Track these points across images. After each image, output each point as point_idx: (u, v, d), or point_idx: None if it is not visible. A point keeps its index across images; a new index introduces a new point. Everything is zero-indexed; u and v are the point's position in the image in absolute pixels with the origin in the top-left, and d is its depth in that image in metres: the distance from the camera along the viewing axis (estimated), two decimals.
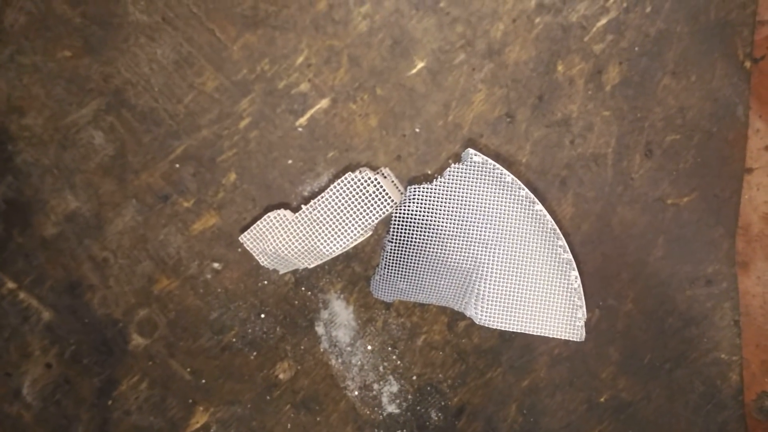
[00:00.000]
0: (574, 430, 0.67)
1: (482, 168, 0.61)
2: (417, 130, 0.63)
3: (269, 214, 0.61)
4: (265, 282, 0.64)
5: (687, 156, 0.63)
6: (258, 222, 0.61)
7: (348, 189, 0.60)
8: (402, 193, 0.62)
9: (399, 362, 0.66)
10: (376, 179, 0.59)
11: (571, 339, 0.62)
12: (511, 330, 0.63)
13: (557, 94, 0.62)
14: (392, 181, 0.62)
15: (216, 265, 0.64)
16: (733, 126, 0.63)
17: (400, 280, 0.63)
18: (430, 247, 0.62)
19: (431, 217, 0.62)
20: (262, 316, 0.65)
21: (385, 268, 0.63)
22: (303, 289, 0.65)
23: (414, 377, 0.66)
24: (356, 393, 0.66)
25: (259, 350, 0.65)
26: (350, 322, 0.65)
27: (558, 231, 0.61)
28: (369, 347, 0.65)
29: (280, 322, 0.65)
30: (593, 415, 0.67)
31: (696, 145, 0.63)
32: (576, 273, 0.61)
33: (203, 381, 0.65)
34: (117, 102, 0.61)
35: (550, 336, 0.63)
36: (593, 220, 0.64)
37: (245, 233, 0.61)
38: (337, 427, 0.66)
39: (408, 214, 0.62)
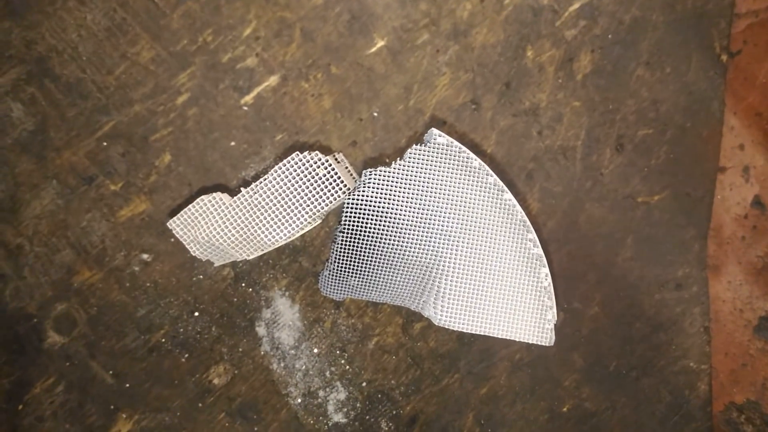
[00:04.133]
0: None
1: (447, 151, 0.58)
2: (375, 113, 0.60)
3: (203, 197, 0.57)
4: (201, 276, 0.61)
5: (659, 152, 0.62)
6: (189, 206, 0.57)
7: (295, 170, 0.57)
8: (356, 181, 0.59)
9: (348, 367, 0.63)
10: (326, 160, 0.56)
11: (539, 343, 0.60)
12: (473, 332, 0.60)
13: (525, 81, 0.61)
14: (346, 167, 0.59)
15: (145, 256, 0.60)
16: (708, 122, 0.63)
17: (352, 276, 0.60)
18: (386, 239, 0.59)
19: (388, 205, 0.59)
20: (196, 314, 0.61)
21: (335, 262, 0.59)
22: (243, 285, 0.61)
23: (364, 383, 0.63)
24: (299, 400, 0.63)
25: (192, 352, 0.61)
26: (295, 323, 0.62)
27: (528, 223, 0.59)
28: (315, 350, 0.62)
29: (216, 322, 0.61)
30: (555, 426, 0.65)
31: (669, 141, 0.62)
32: (546, 270, 0.59)
33: (127, 385, 0.61)
34: (39, 71, 0.58)
35: (517, 340, 0.60)
36: (560, 217, 0.63)
37: (174, 218, 0.58)
38: None
39: (362, 201, 0.58)
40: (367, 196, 0.59)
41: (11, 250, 0.59)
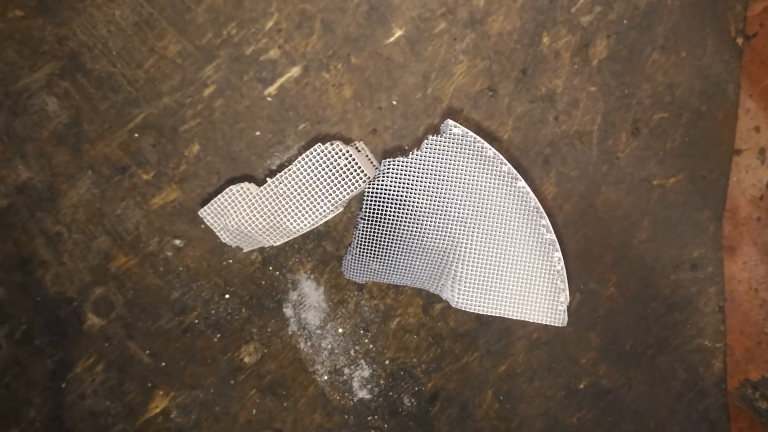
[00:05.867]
0: (552, 418, 0.68)
1: (462, 141, 0.60)
2: (394, 102, 0.62)
3: (231, 187, 0.60)
4: (230, 261, 0.63)
5: (675, 135, 0.63)
6: (219, 195, 0.60)
7: (317, 161, 0.59)
8: (376, 169, 0.61)
9: (371, 346, 0.66)
10: (347, 151, 0.58)
11: (552, 324, 0.62)
12: (489, 314, 0.62)
13: (542, 67, 0.62)
14: (366, 156, 0.61)
15: (177, 241, 0.63)
16: (723, 105, 0.63)
17: (374, 260, 0.62)
18: (405, 226, 0.62)
19: (407, 193, 0.61)
20: (227, 296, 0.64)
21: (357, 247, 0.62)
22: (271, 268, 0.64)
23: (387, 362, 0.66)
24: (326, 377, 0.66)
25: (223, 332, 0.65)
26: (320, 304, 0.64)
27: (541, 209, 0.61)
28: (340, 330, 0.65)
29: (245, 303, 0.64)
30: (572, 402, 0.67)
31: (684, 124, 0.63)
32: (559, 254, 0.61)
33: (163, 364, 0.65)
34: (72, 66, 0.60)
35: (531, 321, 0.62)
36: (576, 201, 0.64)
37: (205, 207, 0.61)
38: (305, 413, 0.66)
39: (382, 189, 0.61)
40: (386, 185, 0.62)
41: (51, 238, 0.62)
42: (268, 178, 0.62)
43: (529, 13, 0.61)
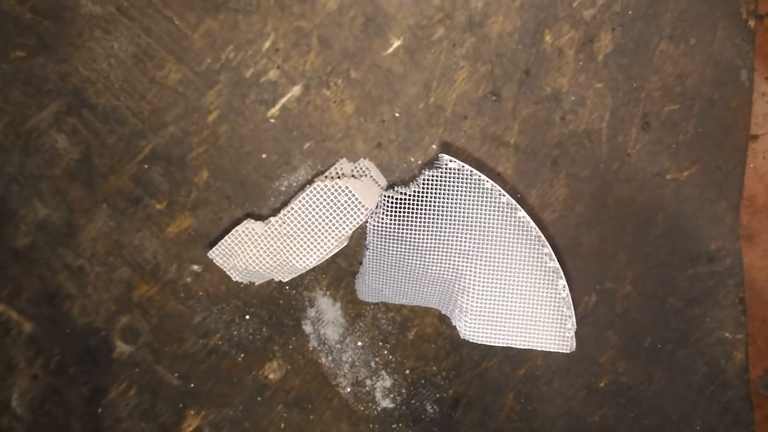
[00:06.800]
0: (574, 417, 0.50)
1: (459, 175, 0.42)
2: (396, 114, 0.44)
3: (237, 228, 0.43)
4: (248, 282, 0.47)
5: (687, 127, 0.45)
6: (226, 237, 0.44)
7: (317, 200, 0.42)
8: (383, 189, 0.44)
9: (391, 357, 0.49)
10: (347, 188, 0.42)
11: (560, 351, 0.45)
12: (497, 345, 0.45)
13: (545, 67, 0.44)
14: (371, 176, 0.44)
15: (195, 267, 0.47)
16: (737, 91, 0.45)
17: (384, 286, 0.46)
18: (409, 258, 0.44)
19: (408, 228, 0.44)
20: (247, 317, 0.48)
21: (367, 274, 0.45)
22: (287, 288, 0.48)
23: (407, 371, 0.49)
24: (349, 390, 0.49)
25: (247, 352, 0.48)
26: (338, 319, 0.48)
27: (543, 238, 0.43)
28: (359, 343, 0.48)
29: (266, 323, 0.48)
30: (593, 401, 0.50)
31: (696, 115, 0.45)
32: (564, 282, 0.43)
33: (192, 385, 0.48)
34: (77, 102, 0.43)
35: (539, 349, 0.45)
36: (588, 201, 0.47)
37: (214, 249, 0.44)
38: (331, 425, 0.50)
39: (383, 224, 0.44)
40: (387, 221, 0.44)
41: (74, 272, 0.47)
42: (271, 217, 0.43)
43: (530, 12, 0.43)
